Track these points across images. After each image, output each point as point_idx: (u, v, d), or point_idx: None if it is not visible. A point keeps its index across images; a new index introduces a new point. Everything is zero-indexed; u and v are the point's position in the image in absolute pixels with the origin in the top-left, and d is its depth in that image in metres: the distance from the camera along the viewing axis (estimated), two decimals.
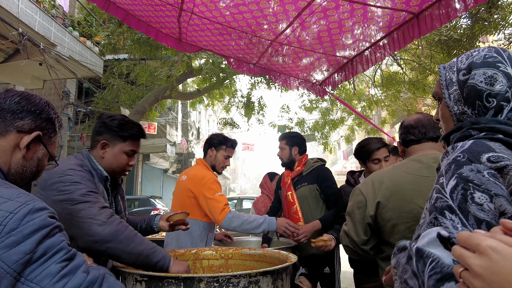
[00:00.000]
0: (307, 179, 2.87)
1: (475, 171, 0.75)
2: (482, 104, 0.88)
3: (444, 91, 0.97)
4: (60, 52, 5.98)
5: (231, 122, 9.55)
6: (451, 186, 0.76)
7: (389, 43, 3.21)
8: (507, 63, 0.87)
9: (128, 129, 1.62)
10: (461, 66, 0.93)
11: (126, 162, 1.63)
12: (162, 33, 3.63)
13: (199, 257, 1.61)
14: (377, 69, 7.89)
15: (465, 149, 0.80)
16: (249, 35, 3.40)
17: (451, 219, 0.73)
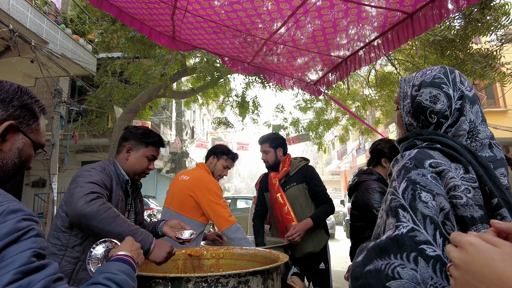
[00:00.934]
0: (295, 179, 2.95)
1: (420, 175, 0.88)
2: (425, 119, 1.02)
3: (401, 102, 1.11)
4: (52, 50, 5.90)
5: (225, 121, 9.51)
6: (403, 188, 0.88)
7: (383, 43, 3.21)
8: (450, 85, 1.00)
9: (151, 137, 1.90)
10: (415, 82, 1.07)
11: (146, 165, 1.88)
12: (155, 31, 3.59)
13: (190, 257, 1.59)
14: (372, 69, 7.91)
15: (412, 157, 0.93)
16: (244, 34, 3.38)
17: (403, 216, 0.85)
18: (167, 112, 15.65)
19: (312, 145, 11.62)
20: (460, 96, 1.00)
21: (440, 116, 1.00)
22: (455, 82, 1.02)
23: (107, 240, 1.16)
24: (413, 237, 0.81)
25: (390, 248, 0.82)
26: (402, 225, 0.83)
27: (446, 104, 1.00)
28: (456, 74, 1.03)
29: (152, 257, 1.44)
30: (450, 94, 1.00)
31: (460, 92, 1.01)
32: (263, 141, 3.09)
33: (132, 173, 1.85)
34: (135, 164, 1.85)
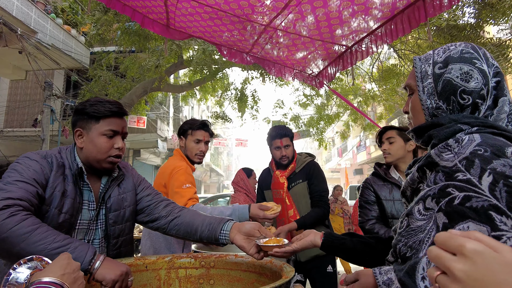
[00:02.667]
0: (300, 176, 2.73)
1: (508, 166, 0.68)
2: (456, 100, 0.86)
3: (418, 84, 0.94)
4: (41, 40, 5.63)
5: (222, 115, 9.26)
6: (489, 183, 0.67)
7: (392, 29, 2.99)
8: (482, 60, 0.86)
9: (100, 107, 1.40)
10: (438, 59, 0.90)
11: (107, 145, 1.41)
12: (148, 19, 3.35)
13: (175, 265, 1.34)
14: (375, 62, 7.68)
15: (481, 142, 0.74)
16: (242, 19, 3.14)
17: (501, 221, 0.62)
18: (164, 108, 15.40)
19: (313, 141, 11.41)
20: (495, 72, 0.85)
21: (475, 96, 0.84)
22: (487, 57, 0.87)
23: (33, 258, 0.84)
24: None
25: None
26: (505, 235, 0.61)
27: (481, 82, 0.84)
28: (485, 50, 0.89)
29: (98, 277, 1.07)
30: (485, 70, 0.84)
31: (495, 68, 0.86)
32: (285, 134, 2.73)
33: (95, 161, 1.41)
34: (92, 149, 1.39)
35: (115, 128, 1.43)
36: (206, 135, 2.37)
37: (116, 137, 1.45)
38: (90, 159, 1.41)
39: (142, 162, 17.26)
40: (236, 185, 3.98)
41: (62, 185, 1.32)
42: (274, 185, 2.77)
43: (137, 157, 16.30)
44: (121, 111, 1.47)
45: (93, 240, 1.42)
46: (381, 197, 2.22)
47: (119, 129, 1.45)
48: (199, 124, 2.36)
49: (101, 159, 1.41)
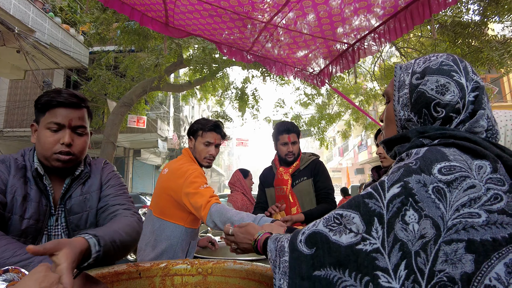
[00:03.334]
0: (305, 174, 2.70)
1: (421, 184, 0.70)
2: (429, 113, 0.84)
3: (395, 93, 0.92)
4: (39, 39, 5.57)
5: (223, 115, 9.19)
6: (393, 194, 0.71)
7: (395, 26, 2.93)
8: (461, 73, 0.83)
9: (46, 96, 1.24)
10: (417, 69, 0.88)
11: (50, 140, 1.23)
12: (147, 17, 3.29)
13: (170, 272, 1.27)
14: (377, 61, 7.61)
15: (419, 157, 0.74)
16: (242, 17, 3.08)
17: (375, 230, 0.71)
18: (165, 107, 15.34)
19: (314, 141, 11.35)
20: (475, 87, 0.82)
21: (449, 109, 0.81)
22: (467, 71, 0.84)
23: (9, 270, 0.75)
24: (373, 260, 0.68)
25: (348, 262, 0.70)
26: (369, 241, 0.70)
27: (457, 96, 0.81)
28: (467, 64, 0.86)
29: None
30: (463, 83, 0.82)
31: (474, 83, 0.83)
32: (293, 130, 2.68)
33: (44, 158, 1.25)
34: (38, 145, 1.25)
35: (59, 120, 1.24)
36: (217, 137, 2.18)
37: (63, 131, 1.26)
38: (40, 156, 1.27)
39: (142, 162, 17.22)
40: (233, 185, 3.97)
41: (23, 189, 1.20)
42: (277, 182, 2.72)
43: (138, 157, 16.26)
44: (69, 100, 1.26)
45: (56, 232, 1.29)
46: None
47: (65, 121, 1.25)
48: (211, 126, 2.15)
49: (47, 156, 1.25)
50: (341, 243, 0.72)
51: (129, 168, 15.50)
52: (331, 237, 0.74)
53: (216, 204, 1.76)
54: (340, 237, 0.73)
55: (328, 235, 0.75)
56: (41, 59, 6.15)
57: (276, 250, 0.86)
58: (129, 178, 15.43)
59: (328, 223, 0.77)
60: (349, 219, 0.74)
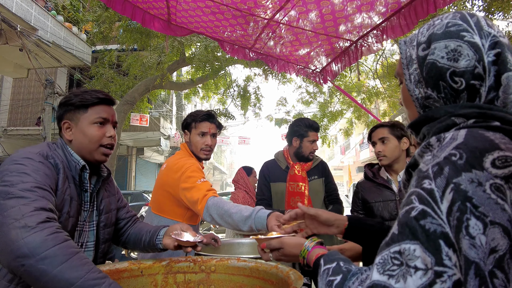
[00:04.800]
0: (316, 173, 2.75)
1: (475, 184, 0.55)
2: (448, 85, 0.70)
3: (404, 71, 0.79)
4: (41, 37, 5.57)
5: (225, 112, 9.18)
6: (448, 203, 0.56)
7: (399, 22, 2.90)
8: (474, 31, 0.69)
9: (87, 95, 1.35)
10: (421, 39, 0.75)
11: (99, 133, 1.33)
12: (149, 15, 3.28)
13: (172, 270, 1.26)
14: (379, 59, 7.56)
15: (460, 144, 0.60)
16: (244, 13, 3.07)
17: (447, 255, 0.54)
18: (167, 106, 15.35)
19: None
20: (492, 43, 0.68)
21: (468, 76, 0.67)
22: (480, 26, 0.70)
23: None
24: None
25: None
26: (447, 274, 0.53)
27: (473, 59, 0.67)
28: (479, 17, 0.72)
29: None
30: (477, 42, 0.68)
31: (492, 38, 0.68)
32: (317, 129, 2.77)
33: (88, 153, 1.33)
34: (83, 139, 1.31)
35: (105, 115, 1.36)
36: (212, 126, 2.11)
37: (107, 125, 1.37)
38: (82, 151, 1.33)
39: (145, 160, 17.25)
40: (236, 183, 3.97)
41: (69, 189, 1.25)
42: (294, 178, 2.68)
43: (140, 155, 16.29)
44: (109, 97, 1.40)
45: (87, 243, 1.34)
46: (369, 201, 2.14)
47: (109, 116, 1.38)
48: (203, 115, 2.11)
49: (93, 149, 1.33)
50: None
51: (132, 166, 15.54)
52: (393, 287, 0.57)
53: (213, 197, 1.73)
54: (406, 282, 0.56)
55: (388, 285, 0.57)
56: (44, 57, 6.15)
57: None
58: (132, 176, 15.47)
59: (385, 269, 0.59)
60: (409, 254, 0.57)
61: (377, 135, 2.14)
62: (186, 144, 2.19)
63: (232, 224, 1.64)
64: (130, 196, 12.54)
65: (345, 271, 0.73)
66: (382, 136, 2.11)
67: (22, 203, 0.99)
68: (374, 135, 2.17)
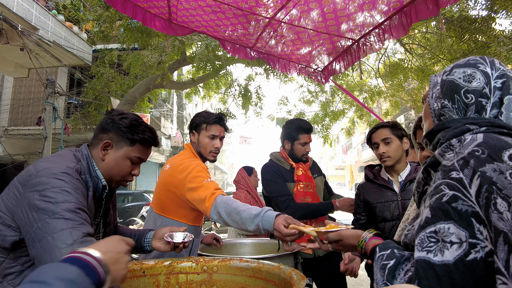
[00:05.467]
0: (315, 171, 2.75)
1: (498, 172, 0.67)
2: (461, 99, 0.87)
3: (429, 92, 0.98)
4: (42, 37, 5.56)
5: (226, 112, 9.16)
6: (476, 187, 0.68)
7: (401, 21, 2.88)
8: (487, 64, 0.88)
9: (140, 132, 1.37)
10: (446, 69, 0.95)
11: (129, 170, 1.39)
12: (150, 14, 3.26)
13: (175, 270, 1.25)
14: (381, 58, 7.53)
15: (481, 143, 0.73)
16: (246, 12, 3.05)
17: (479, 230, 0.65)
18: (168, 105, 15.34)
19: (317, 138, 11.28)
20: (501, 74, 0.87)
21: (477, 94, 0.85)
22: (493, 63, 0.90)
23: None
24: (492, 265, 0.62)
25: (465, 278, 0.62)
26: (479, 245, 0.64)
27: (483, 82, 0.86)
28: (496, 60, 0.91)
29: None
30: (487, 71, 0.87)
31: (500, 71, 0.87)
32: (311, 130, 2.67)
33: (109, 179, 1.37)
34: (114, 168, 1.34)
35: (143, 157, 1.41)
36: (221, 130, 2.12)
37: (138, 164, 1.43)
38: (105, 174, 1.35)
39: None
40: (237, 183, 3.94)
41: (92, 206, 1.27)
42: (302, 178, 2.59)
43: None
44: (156, 143, 1.45)
45: None
46: (371, 202, 2.10)
47: (145, 158, 1.43)
48: (215, 118, 2.09)
49: (115, 179, 1.38)
50: (448, 261, 0.65)
51: None
52: (432, 260, 0.66)
53: (222, 196, 1.73)
54: (443, 255, 0.65)
55: (428, 258, 0.67)
56: (45, 57, 6.14)
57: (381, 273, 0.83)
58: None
59: (423, 246, 0.69)
60: (444, 232, 0.67)
61: (379, 136, 2.09)
62: (191, 144, 2.16)
63: (239, 222, 1.61)
64: (131, 196, 12.54)
65: (399, 256, 0.81)
66: (385, 137, 2.06)
67: (71, 226, 1.00)
68: (375, 136, 2.11)
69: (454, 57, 4.76)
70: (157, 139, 1.45)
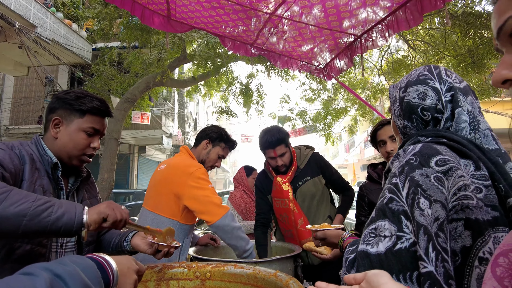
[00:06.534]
0: (307, 172, 2.43)
1: (424, 176, 0.80)
2: (418, 117, 0.97)
3: (391, 108, 1.08)
4: (40, 34, 5.50)
5: (227, 110, 9.07)
6: (406, 190, 0.80)
7: (404, 16, 2.81)
8: (435, 79, 0.98)
9: (88, 102, 1.35)
10: (402, 85, 1.04)
11: (85, 142, 1.35)
12: (148, 11, 3.21)
13: (165, 276, 1.18)
14: (384, 55, 7.43)
15: (417, 152, 0.85)
16: (245, 8, 2.99)
17: (406, 225, 0.77)
18: (169, 104, 15.29)
19: (319, 137, 11.19)
20: (448, 87, 0.97)
21: (433, 111, 0.96)
22: (440, 76, 0.99)
23: None
24: (415, 253, 0.74)
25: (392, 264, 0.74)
26: (405, 237, 0.76)
27: (435, 98, 0.96)
28: (441, 69, 1.01)
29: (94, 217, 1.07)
30: (437, 87, 0.97)
31: (448, 84, 0.97)
32: (278, 143, 2.34)
33: (67, 156, 1.32)
34: (68, 143, 1.31)
35: (98, 127, 1.37)
36: (227, 155, 2.34)
37: (95, 136, 1.39)
38: (62, 152, 1.32)
39: (147, 158, 17.22)
40: (236, 182, 3.92)
41: (40, 180, 1.22)
42: (276, 193, 2.44)
43: (143, 154, 16.26)
44: (108, 110, 1.42)
45: (67, 243, 1.30)
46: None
47: (101, 128, 1.39)
48: (234, 144, 2.33)
49: (74, 155, 1.33)
50: (380, 251, 0.77)
51: (134, 164, 15.51)
52: (369, 251, 0.79)
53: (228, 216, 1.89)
54: (377, 246, 0.78)
55: (366, 250, 0.79)
56: (44, 55, 6.09)
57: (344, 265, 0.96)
58: (134, 174, 15.44)
59: (364, 240, 0.82)
60: (381, 228, 0.79)
61: (386, 133, 1.97)
62: (188, 148, 2.23)
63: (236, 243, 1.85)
64: (132, 195, 12.50)
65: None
66: (393, 134, 1.93)
67: None
68: (381, 133, 2.00)
69: (459, 53, 4.67)
70: (109, 108, 1.42)
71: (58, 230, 1.00)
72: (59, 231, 1.00)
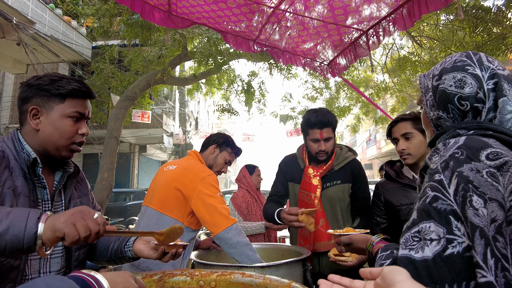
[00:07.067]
0: (340, 176, 2.19)
1: (475, 171, 0.72)
2: (455, 108, 0.89)
3: (423, 98, 1.00)
4: (39, 31, 5.41)
5: (229, 108, 8.97)
6: (454, 187, 0.72)
7: (413, 10, 2.72)
8: (475, 65, 0.88)
9: (65, 84, 1.20)
10: (435, 73, 0.96)
11: (73, 129, 1.21)
12: (149, 6, 3.12)
13: (166, 285, 1.08)
14: (388, 52, 7.33)
15: (461, 145, 0.77)
16: (248, 2, 2.91)
17: (456, 227, 0.69)
18: (170, 102, 15.20)
19: None
20: (491, 74, 0.87)
21: (472, 100, 0.86)
22: (481, 61, 0.89)
23: None
24: (470, 259, 0.66)
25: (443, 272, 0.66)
26: (456, 241, 0.68)
27: (475, 86, 0.86)
28: (481, 55, 0.91)
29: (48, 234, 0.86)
30: (478, 74, 0.87)
31: (490, 71, 0.87)
32: (328, 124, 2.11)
33: (54, 148, 1.19)
34: (53, 133, 1.16)
35: (82, 110, 1.23)
36: (233, 161, 2.41)
37: (81, 121, 1.25)
38: (48, 145, 1.18)
39: (148, 157, 17.15)
40: (239, 182, 3.87)
41: (10, 181, 1.07)
42: (304, 186, 2.21)
43: (143, 153, 16.19)
44: (90, 91, 1.27)
45: (54, 248, 1.17)
46: (395, 204, 1.84)
47: (85, 112, 1.25)
48: (238, 150, 2.39)
49: (62, 145, 1.19)
50: (427, 256, 0.69)
51: (134, 163, 15.44)
52: (413, 256, 0.71)
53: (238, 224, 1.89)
54: (423, 252, 0.70)
55: (410, 255, 0.72)
56: (43, 52, 5.99)
57: None
58: (135, 174, 15.37)
59: (407, 245, 0.74)
60: (426, 230, 0.72)
61: (399, 130, 1.84)
62: (198, 153, 2.28)
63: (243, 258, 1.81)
64: (133, 194, 12.43)
65: (396, 256, 0.85)
66: (405, 132, 1.81)
67: None
68: (395, 130, 1.87)
69: (467, 50, 4.57)
70: (89, 88, 1.28)
71: (2, 250, 0.83)
72: (4, 251, 0.83)
